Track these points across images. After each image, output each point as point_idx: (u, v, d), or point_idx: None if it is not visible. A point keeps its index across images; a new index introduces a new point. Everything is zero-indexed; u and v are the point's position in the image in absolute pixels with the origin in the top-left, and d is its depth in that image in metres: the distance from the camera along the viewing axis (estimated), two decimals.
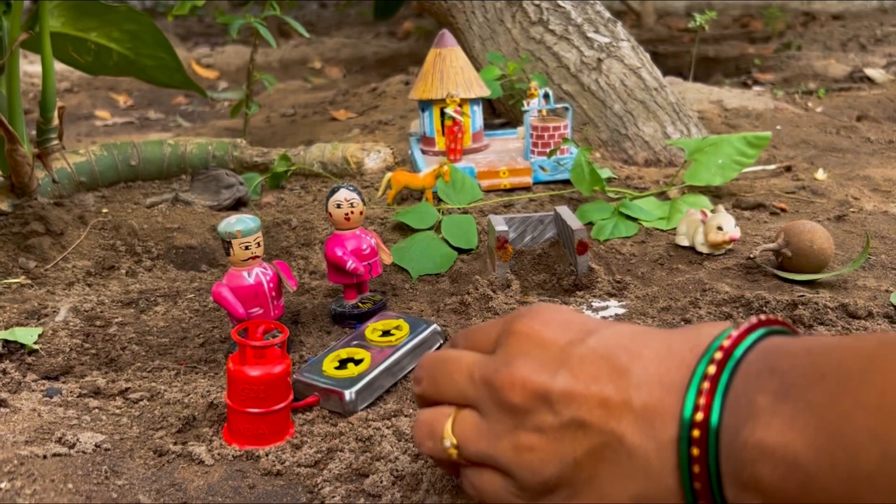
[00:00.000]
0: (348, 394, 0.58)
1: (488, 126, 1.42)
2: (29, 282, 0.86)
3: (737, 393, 0.33)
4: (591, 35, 1.35)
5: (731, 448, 0.32)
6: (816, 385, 0.30)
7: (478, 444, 0.39)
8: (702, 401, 0.33)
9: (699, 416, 0.33)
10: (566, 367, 0.37)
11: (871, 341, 0.31)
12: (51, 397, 0.62)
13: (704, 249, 0.88)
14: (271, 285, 0.67)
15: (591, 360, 0.36)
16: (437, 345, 0.67)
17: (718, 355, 0.34)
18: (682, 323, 0.72)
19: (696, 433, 0.33)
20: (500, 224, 0.82)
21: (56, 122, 0.98)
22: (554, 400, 0.36)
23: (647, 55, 1.38)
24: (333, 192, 0.73)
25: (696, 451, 0.33)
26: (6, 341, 0.70)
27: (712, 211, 0.89)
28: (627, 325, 0.39)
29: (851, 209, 1.02)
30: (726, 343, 0.34)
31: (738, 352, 0.34)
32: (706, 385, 0.33)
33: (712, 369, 0.33)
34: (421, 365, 0.44)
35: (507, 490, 0.38)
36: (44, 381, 0.66)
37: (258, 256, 0.66)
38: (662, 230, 0.97)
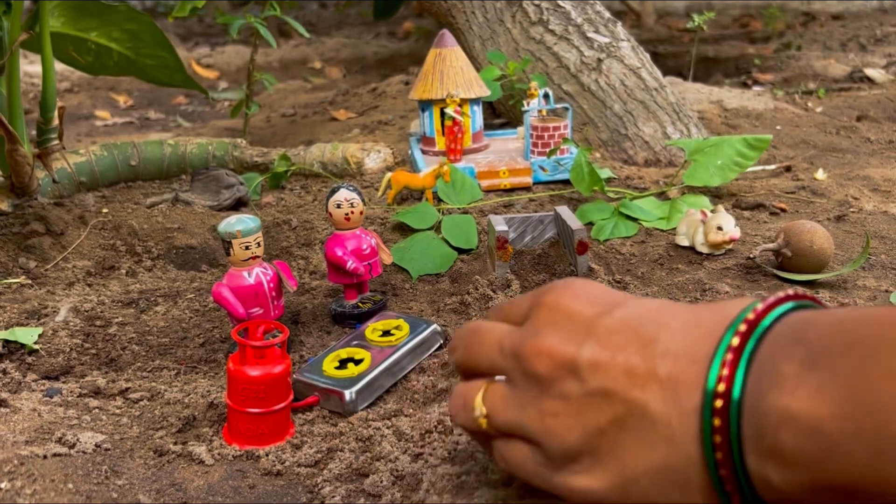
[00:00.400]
0: (348, 394, 0.59)
1: (488, 126, 1.42)
2: (29, 282, 0.86)
3: (762, 362, 0.33)
4: (591, 35, 1.35)
5: (753, 415, 0.32)
6: (845, 355, 0.30)
7: (506, 413, 0.39)
8: (725, 371, 0.33)
9: (722, 386, 0.33)
10: (593, 337, 0.37)
11: None
12: (51, 397, 0.62)
13: (704, 249, 0.88)
14: (271, 285, 0.67)
15: (618, 331, 0.37)
16: (438, 345, 0.68)
17: (743, 327, 0.34)
18: None
19: (718, 403, 0.33)
20: (500, 224, 0.82)
21: (56, 122, 0.98)
22: (580, 369, 0.36)
23: (647, 55, 1.38)
24: (333, 192, 0.73)
25: (717, 422, 0.33)
26: (6, 341, 0.70)
27: (712, 211, 0.89)
28: (655, 300, 0.39)
29: (851, 209, 1.02)
30: (751, 315, 0.34)
31: (765, 323, 0.34)
32: (730, 356, 0.33)
33: (736, 340, 0.34)
34: (456, 335, 0.45)
35: (533, 460, 0.39)
36: (44, 381, 0.66)
37: (258, 256, 0.66)
38: (662, 230, 0.97)
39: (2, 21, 0.94)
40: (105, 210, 1.05)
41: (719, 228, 0.86)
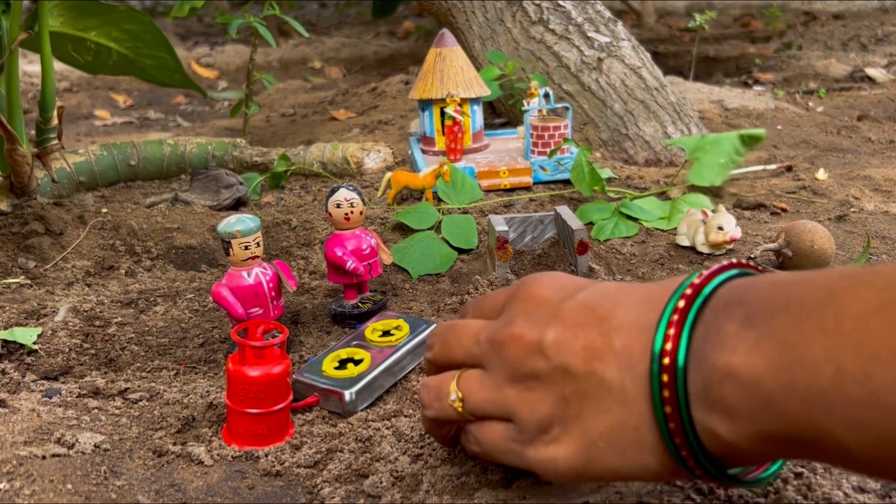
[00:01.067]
0: (348, 394, 0.58)
1: (488, 126, 1.42)
2: (28, 282, 0.86)
3: (706, 323, 0.35)
4: (591, 34, 1.35)
5: (699, 371, 0.35)
6: (780, 313, 0.33)
7: (481, 393, 0.43)
8: (671, 332, 0.36)
9: (668, 345, 0.36)
10: (556, 319, 0.40)
11: (832, 275, 0.33)
12: (50, 397, 0.62)
13: (705, 249, 0.88)
14: (271, 285, 0.67)
15: (578, 311, 0.40)
16: None
17: (688, 291, 0.37)
18: None
19: (665, 361, 0.35)
20: (500, 224, 0.81)
21: (55, 121, 0.98)
22: (546, 348, 0.40)
23: (648, 55, 1.38)
24: (333, 191, 0.73)
25: (665, 378, 0.35)
26: (5, 341, 0.69)
27: (713, 211, 0.89)
28: (614, 283, 0.43)
29: (852, 209, 1.02)
30: (696, 281, 0.37)
31: (708, 289, 0.37)
32: (675, 317, 0.36)
33: (682, 303, 0.36)
34: (434, 332, 0.48)
35: (506, 436, 0.41)
36: (43, 382, 0.65)
37: (258, 256, 0.66)
38: (663, 230, 0.97)
39: (1, 20, 0.94)
40: (104, 210, 1.05)
41: (720, 228, 0.86)
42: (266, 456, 0.53)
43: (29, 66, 2.50)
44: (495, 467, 0.50)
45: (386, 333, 0.66)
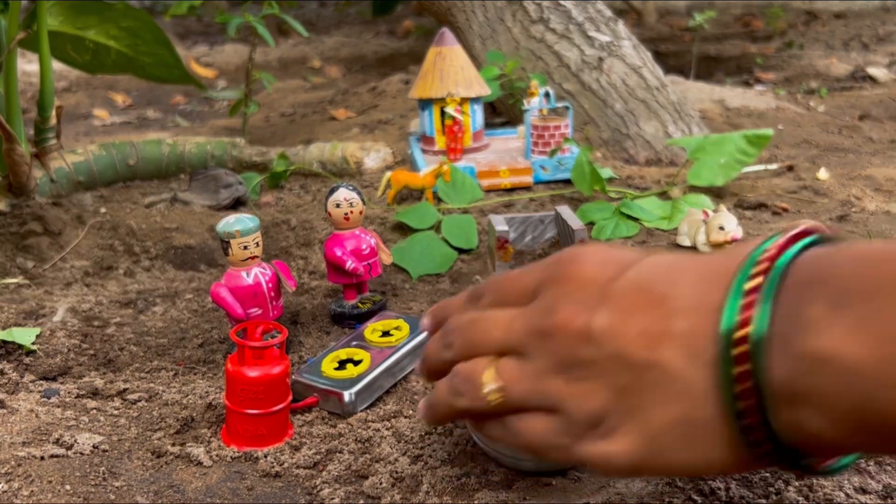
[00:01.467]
0: (347, 395, 0.58)
1: (488, 125, 1.42)
2: (27, 282, 0.86)
3: (784, 303, 0.31)
4: (592, 34, 1.35)
5: (783, 360, 0.31)
6: (875, 296, 0.29)
7: (524, 383, 0.39)
8: (740, 316, 0.32)
9: (740, 332, 0.31)
10: (605, 303, 0.36)
11: None
12: (48, 398, 0.62)
13: (706, 249, 0.88)
14: (270, 285, 0.66)
15: (630, 293, 0.36)
16: None
17: (762, 267, 0.32)
18: None
19: (738, 350, 0.31)
20: (500, 224, 0.81)
21: (54, 121, 0.98)
22: (596, 336, 0.36)
23: (649, 54, 1.37)
24: (333, 191, 0.73)
25: (739, 369, 0.31)
26: (4, 342, 0.69)
27: (714, 210, 0.88)
28: (666, 255, 0.38)
29: (854, 209, 1.01)
30: (770, 251, 0.33)
31: (782, 262, 0.32)
32: (747, 299, 0.32)
33: (753, 282, 0.32)
34: (451, 329, 0.44)
35: (552, 430, 0.38)
36: (41, 382, 0.65)
37: (257, 256, 0.66)
38: (664, 230, 0.96)
39: None
40: (103, 210, 1.05)
41: (721, 228, 0.85)
42: (265, 457, 0.53)
43: (28, 65, 2.50)
44: (495, 468, 0.50)
45: (385, 334, 0.66)
